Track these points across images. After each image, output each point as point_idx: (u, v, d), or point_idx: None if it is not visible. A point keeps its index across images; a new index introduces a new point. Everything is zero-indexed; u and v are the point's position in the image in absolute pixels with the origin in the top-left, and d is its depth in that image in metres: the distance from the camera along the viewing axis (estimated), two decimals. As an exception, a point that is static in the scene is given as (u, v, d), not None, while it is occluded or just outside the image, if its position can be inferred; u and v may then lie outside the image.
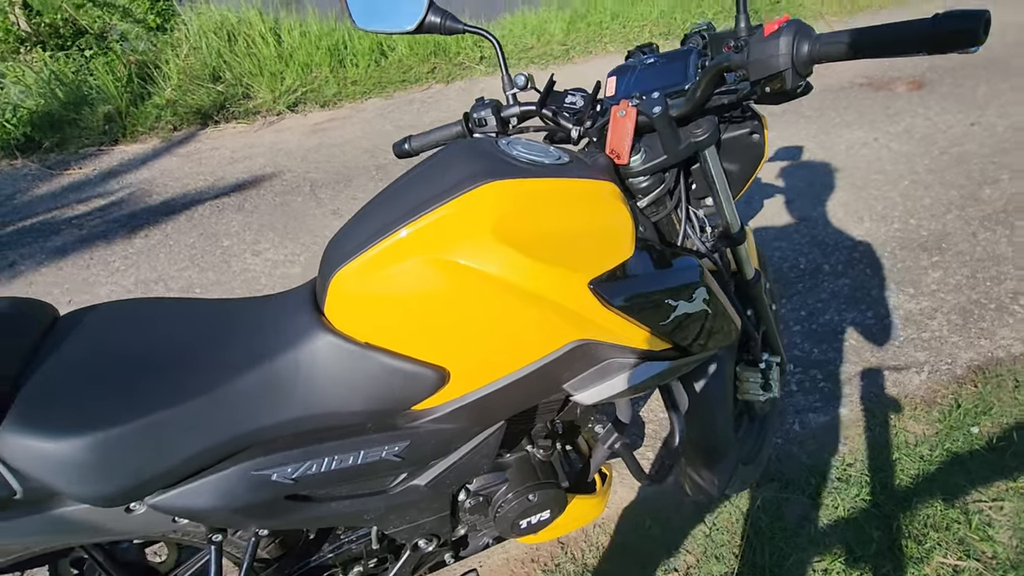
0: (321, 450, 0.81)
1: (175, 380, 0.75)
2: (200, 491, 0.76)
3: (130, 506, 0.75)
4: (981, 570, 1.32)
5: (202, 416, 0.73)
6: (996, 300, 2.04)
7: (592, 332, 0.84)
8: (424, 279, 0.76)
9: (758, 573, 1.35)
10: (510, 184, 0.77)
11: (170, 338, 0.81)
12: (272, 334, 0.81)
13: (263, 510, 0.81)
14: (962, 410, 1.68)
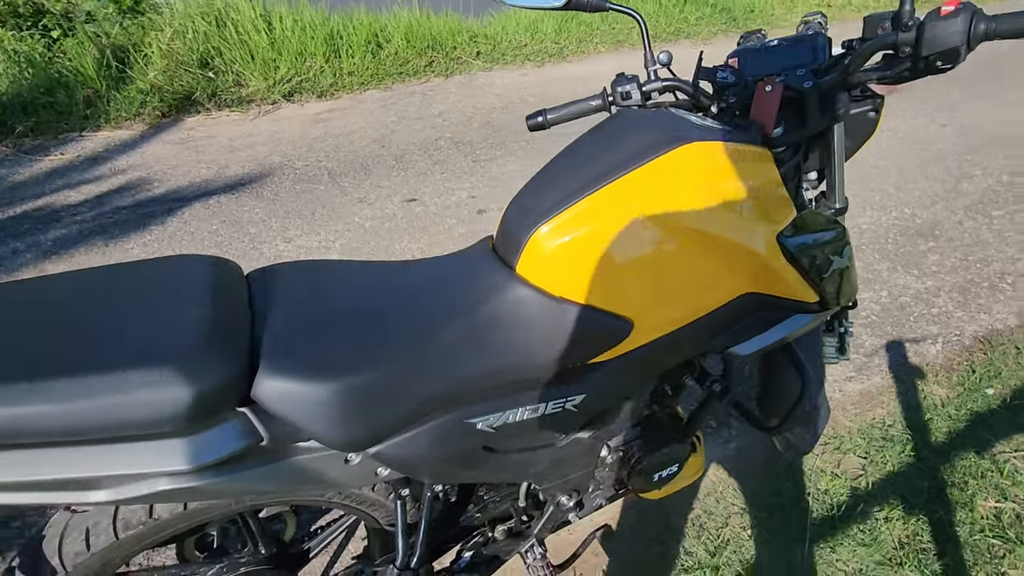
0: (517, 400, 0.83)
1: (393, 333, 0.76)
2: (416, 440, 0.77)
3: (348, 457, 0.75)
4: (1018, 510, 1.48)
5: (422, 367, 0.75)
6: (988, 279, 2.27)
7: (760, 284, 0.90)
8: (626, 233, 0.80)
9: (830, 523, 1.46)
10: (710, 145, 0.83)
11: (369, 295, 0.82)
12: (467, 291, 0.83)
13: (462, 460, 0.83)
14: (977, 375, 1.86)
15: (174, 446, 0.61)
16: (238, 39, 3.67)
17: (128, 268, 0.73)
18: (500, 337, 0.80)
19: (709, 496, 1.54)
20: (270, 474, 0.69)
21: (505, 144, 3.07)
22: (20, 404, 0.54)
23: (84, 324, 0.62)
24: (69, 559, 0.75)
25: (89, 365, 0.58)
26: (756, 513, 1.50)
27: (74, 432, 0.56)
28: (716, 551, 1.41)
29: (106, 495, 0.61)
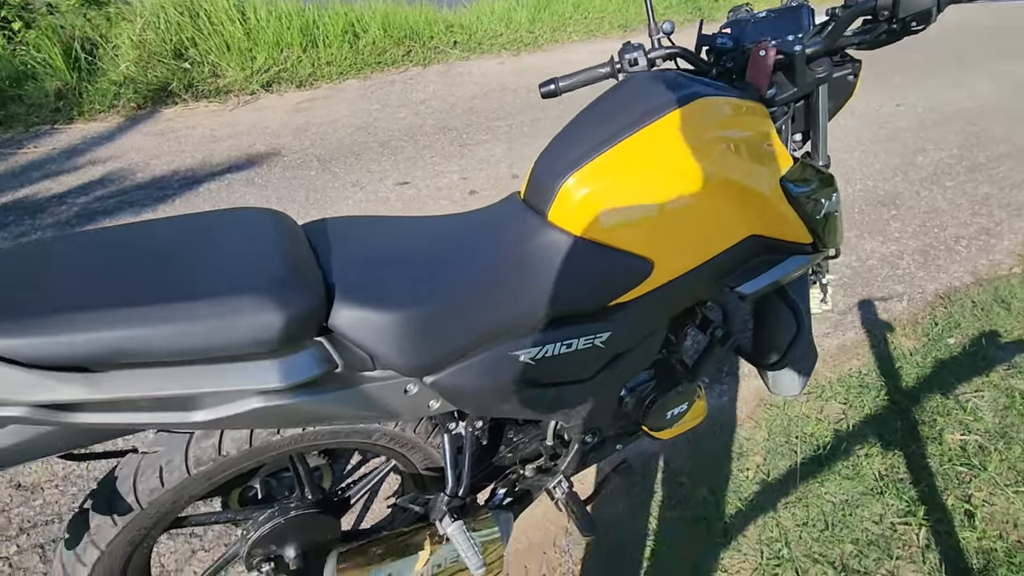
0: (554, 335, 0.92)
1: (447, 273, 0.83)
2: (468, 371, 0.84)
3: (407, 387, 0.82)
4: (980, 441, 1.65)
5: (474, 303, 0.82)
6: (944, 243, 2.46)
7: (764, 227, 1.00)
8: (646, 180, 0.89)
9: (815, 462, 1.59)
10: (718, 100, 0.92)
11: (419, 240, 0.89)
12: (507, 237, 0.91)
13: (504, 393, 0.91)
14: (939, 327, 2.04)
15: (264, 367, 0.67)
16: (212, 29, 3.63)
17: (196, 217, 0.78)
18: (539, 277, 0.88)
19: (706, 443, 1.65)
20: (342, 399, 0.75)
21: (490, 129, 3.13)
22: (134, 327, 0.59)
23: (175, 261, 0.68)
24: (144, 496, 0.80)
25: (189, 293, 0.63)
26: (750, 460, 1.62)
27: (178, 353, 0.62)
28: (716, 490, 1.53)
29: (204, 415, 0.67)
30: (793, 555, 1.40)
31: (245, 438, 0.82)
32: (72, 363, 0.58)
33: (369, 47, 3.96)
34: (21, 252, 0.68)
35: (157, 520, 0.83)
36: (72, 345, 0.57)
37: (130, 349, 0.60)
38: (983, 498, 1.51)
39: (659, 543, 1.41)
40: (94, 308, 0.59)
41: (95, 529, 0.79)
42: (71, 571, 0.81)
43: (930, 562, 1.38)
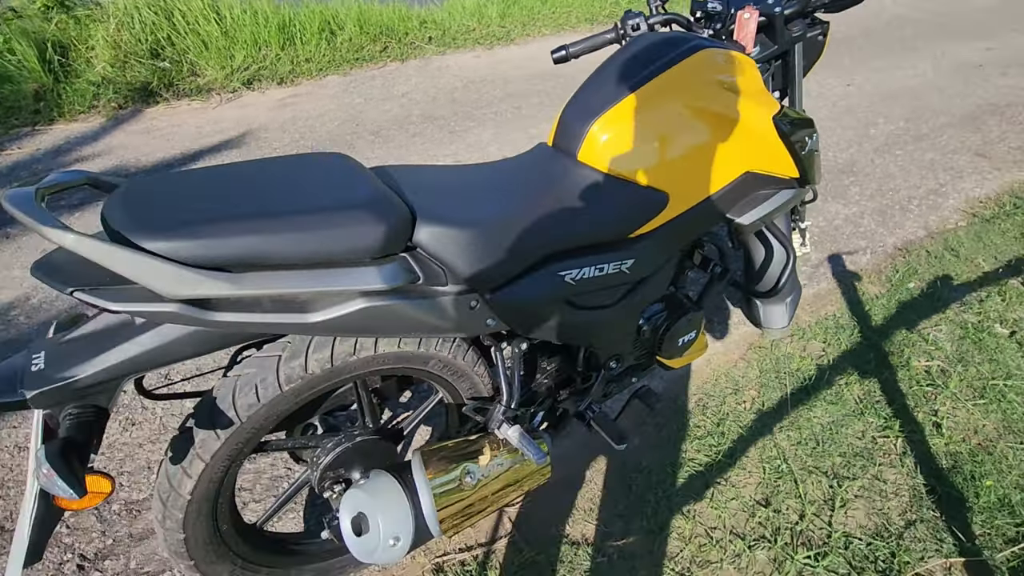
0: (591, 260, 1.05)
1: (504, 203, 0.95)
2: (522, 288, 0.97)
3: (472, 303, 0.94)
4: (942, 366, 1.86)
5: (528, 227, 0.95)
6: (898, 203, 2.71)
7: (758, 162, 1.16)
8: (662, 119, 1.04)
9: (803, 392, 1.78)
10: (717, 51, 1.08)
11: (472, 178, 1.01)
12: (547, 175, 1.04)
13: (549, 312, 1.03)
14: (900, 274, 2.26)
15: (366, 272, 0.78)
16: (188, 28, 3.63)
17: (287, 158, 0.88)
18: (575, 207, 1.01)
19: (707, 383, 1.81)
20: (422, 309, 0.87)
21: (474, 116, 3.26)
22: (267, 233, 0.70)
23: (287, 185, 0.78)
24: (243, 410, 0.89)
25: (307, 208, 0.74)
26: (746, 394, 1.79)
27: (301, 257, 0.73)
28: (719, 422, 1.69)
29: (319, 316, 0.77)
30: (791, 468, 1.57)
31: (327, 358, 0.92)
32: (217, 263, 0.68)
33: (346, 44, 4.03)
34: (160, 180, 0.77)
35: (251, 435, 0.92)
36: (219, 247, 0.67)
37: (263, 252, 0.70)
38: (947, 411, 1.72)
39: (675, 466, 1.56)
40: (235, 218, 0.70)
41: (200, 443, 0.88)
42: (177, 484, 0.90)
43: (907, 465, 1.58)
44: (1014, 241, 2.50)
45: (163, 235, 0.66)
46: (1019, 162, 3.14)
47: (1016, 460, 1.59)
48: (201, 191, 0.75)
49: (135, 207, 0.70)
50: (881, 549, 1.39)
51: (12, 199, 0.63)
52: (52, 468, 0.63)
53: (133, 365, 0.73)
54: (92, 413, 0.72)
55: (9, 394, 0.67)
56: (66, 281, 0.66)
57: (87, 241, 0.62)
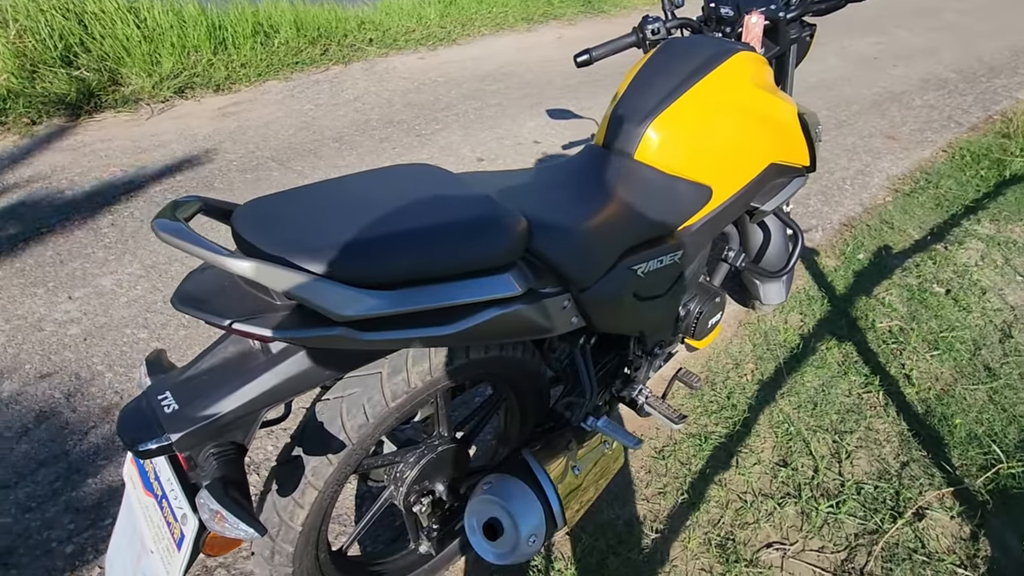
0: (653, 253, 1.11)
1: (588, 204, 0.99)
2: (604, 285, 1.01)
3: (564, 304, 0.97)
4: (901, 325, 2.11)
5: (609, 226, 0.99)
6: (835, 184, 3.02)
7: (780, 154, 1.28)
8: (709, 118, 1.12)
9: (794, 360, 1.95)
10: (750, 54, 1.17)
11: (546, 181, 1.03)
12: (609, 174, 1.09)
13: (621, 305, 1.08)
14: (850, 247, 2.53)
15: (499, 280, 0.79)
16: (104, 33, 3.31)
17: (377, 173, 0.87)
18: (642, 205, 1.07)
19: (711, 361, 1.94)
20: (535, 312, 0.89)
21: (438, 119, 3.23)
22: (420, 249, 0.70)
23: (410, 200, 0.77)
24: (354, 431, 0.87)
25: (444, 223, 0.74)
26: (745, 367, 1.94)
27: (446, 269, 0.73)
28: (729, 395, 1.82)
29: (457, 326, 0.77)
30: (798, 430, 1.72)
31: (427, 370, 0.92)
32: (379, 281, 0.67)
33: (283, 47, 3.84)
34: (285, 199, 0.74)
35: (360, 457, 0.90)
36: (382, 265, 0.66)
37: (420, 268, 0.70)
38: (913, 364, 1.96)
39: (699, 441, 1.66)
40: (389, 236, 0.68)
41: (311, 471, 0.85)
42: (289, 516, 0.86)
43: (891, 414, 1.78)
44: (932, 211, 2.86)
45: (326, 255, 0.64)
46: (921, 142, 3.58)
47: (973, 400, 1.85)
48: (332, 208, 0.72)
49: (283, 228, 0.67)
50: (887, 490, 1.56)
51: (168, 230, 0.59)
52: (226, 510, 0.59)
53: (273, 395, 0.70)
54: (233, 450, 0.68)
55: (151, 439, 0.62)
56: (220, 313, 0.62)
57: (269, 269, 0.59)
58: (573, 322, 1.02)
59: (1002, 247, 2.61)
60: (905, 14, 6.43)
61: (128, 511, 0.82)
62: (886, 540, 1.44)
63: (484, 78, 3.85)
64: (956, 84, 4.64)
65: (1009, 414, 1.80)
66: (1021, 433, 1.75)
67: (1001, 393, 1.87)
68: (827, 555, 1.42)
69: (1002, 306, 2.26)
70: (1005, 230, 2.74)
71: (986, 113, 4.15)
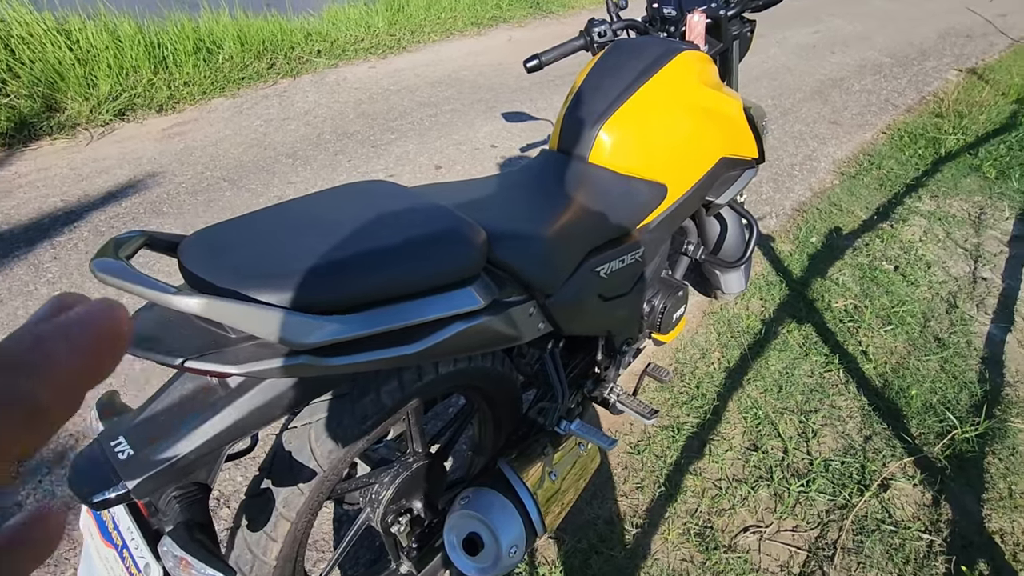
0: (614, 254, 1.13)
1: (548, 210, 0.99)
2: (568, 289, 1.02)
3: (530, 310, 0.97)
4: (855, 303, 2.20)
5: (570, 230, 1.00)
6: (785, 171, 3.12)
7: (730, 148, 1.31)
8: (658, 116, 1.14)
9: (757, 345, 2.00)
10: (694, 53, 1.20)
11: (506, 190, 1.03)
12: (567, 178, 1.09)
13: (586, 307, 1.09)
14: (802, 231, 2.62)
15: (461, 295, 0.78)
16: (34, 56, 3.15)
17: (329, 193, 0.85)
18: (600, 207, 1.08)
19: (678, 352, 1.98)
20: (500, 323, 0.88)
21: (393, 128, 3.19)
22: (380, 269, 0.68)
23: (368, 219, 0.76)
24: (324, 458, 0.84)
25: (406, 240, 0.73)
26: (712, 356, 1.98)
27: (408, 287, 0.71)
28: (698, 385, 1.86)
29: (422, 344, 0.76)
30: (766, 413, 1.77)
31: (397, 387, 0.91)
32: (339, 306, 0.65)
33: (228, 63, 3.73)
34: (232, 227, 0.71)
35: (332, 483, 0.88)
36: (341, 288, 0.65)
37: (381, 289, 0.68)
38: (869, 340, 2.04)
39: (672, 432, 1.69)
40: (347, 258, 0.67)
41: (283, 502, 0.83)
42: (261, 551, 0.83)
43: (851, 390, 1.85)
44: (876, 191, 2.99)
45: (281, 284, 0.62)
46: (862, 126, 3.74)
47: (926, 370, 1.93)
48: (284, 233, 0.70)
49: (232, 258, 0.64)
50: (853, 465, 1.62)
51: (109, 269, 0.56)
52: (191, 555, 0.57)
53: (236, 431, 0.67)
54: (197, 491, 0.65)
55: (107, 489, 0.59)
56: (172, 351, 0.60)
57: (220, 304, 0.57)
58: (540, 328, 1.02)
59: (942, 222, 2.74)
60: (838, 2, 6.71)
61: (88, 564, 0.78)
62: (855, 513, 1.49)
63: (437, 84, 3.83)
64: (891, 68, 4.87)
65: (959, 381, 1.89)
66: (972, 399, 1.84)
67: (951, 362, 1.96)
68: (801, 533, 1.46)
69: (946, 278, 2.37)
70: (944, 205, 2.89)
71: (920, 94, 4.36)
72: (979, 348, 2.03)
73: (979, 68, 4.97)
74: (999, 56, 5.40)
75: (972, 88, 4.36)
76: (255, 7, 4.18)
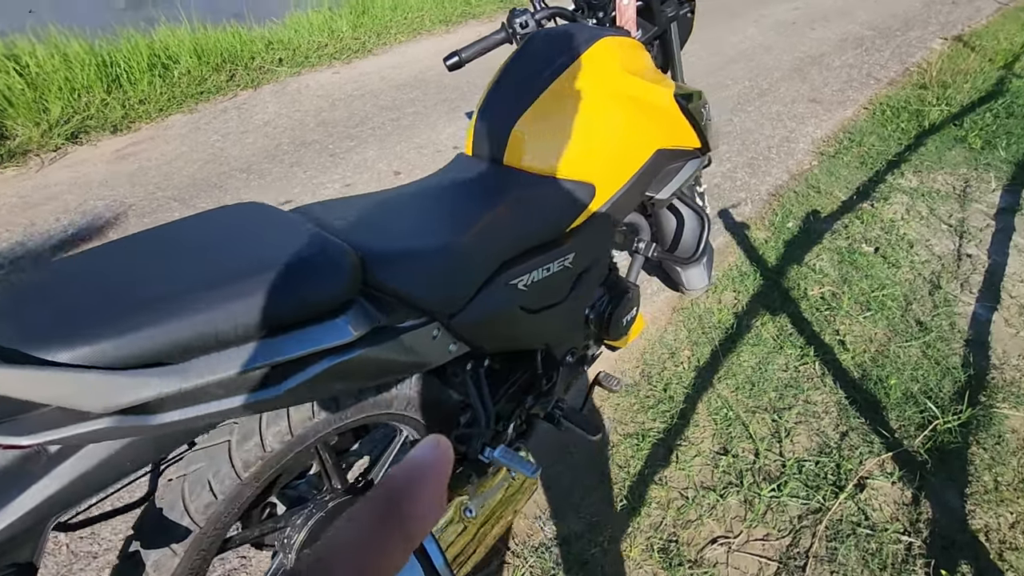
0: (536, 263, 1.03)
1: (447, 222, 0.90)
2: (479, 306, 0.92)
3: (434, 333, 0.87)
4: (832, 290, 2.09)
5: (475, 243, 0.90)
6: (762, 154, 3.01)
7: (667, 139, 1.21)
8: (578, 111, 1.04)
9: (729, 341, 1.90)
10: (616, 39, 1.10)
11: (406, 203, 0.94)
12: (477, 185, 1.00)
13: (507, 323, 1.00)
14: (779, 217, 2.51)
15: (327, 328, 0.69)
16: (-18, 85, 3.07)
17: (190, 221, 0.75)
18: (515, 213, 0.98)
19: (645, 354, 1.88)
20: (388, 350, 0.79)
21: (353, 135, 3.10)
22: (204, 311, 0.59)
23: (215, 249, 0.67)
24: (199, 513, 0.76)
25: (247, 272, 0.64)
26: (681, 355, 1.88)
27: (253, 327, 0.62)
28: (666, 387, 1.76)
29: (281, 387, 0.66)
30: (737, 414, 1.67)
31: (285, 430, 0.82)
32: (155, 358, 0.56)
33: (185, 78, 3.64)
34: (43, 274, 0.62)
35: (214, 539, 0.79)
36: (154, 338, 0.56)
37: (209, 332, 0.59)
38: (847, 329, 1.93)
39: (637, 440, 1.60)
40: (164, 299, 0.58)
41: (153, 566, 0.74)
42: None
43: (828, 384, 1.75)
44: (856, 170, 2.87)
45: (79, 340, 0.53)
46: (842, 102, 3.62)
47: (906, 357, 1.83)
48: (104, 276, 0.61)
49: (29, 313, 0.55)
50: (828, 464, 1.52)
51: None
52: None
53: (56, 504, 0.58)
54: (17, 572, 0.57)
55: None
56: None
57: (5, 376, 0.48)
58: (452, 349, 0.93)
59: (926, 197, 2.63)
60: (818, -23, 6.55)
61: None
62: (829, 518, 1.39)
63: (401, 87, 3.73)
64: (873, 41, 4.73)
65: (942, 367, 1.79)
66: (955, 384, 1.73)
67: (934, 346, 1.86)
68: (772, 542, 1.36)
69: (929, 257, 2.27)
70: (928, 180, 2.77)
71: (903, 66, 4.23)
72: (963, 330, 1.93)
73: (965, 35, 4.83)
74: (986, 21, 5.26)
75: (958, 56, 4.23)
76: (215, 19, 4.09)
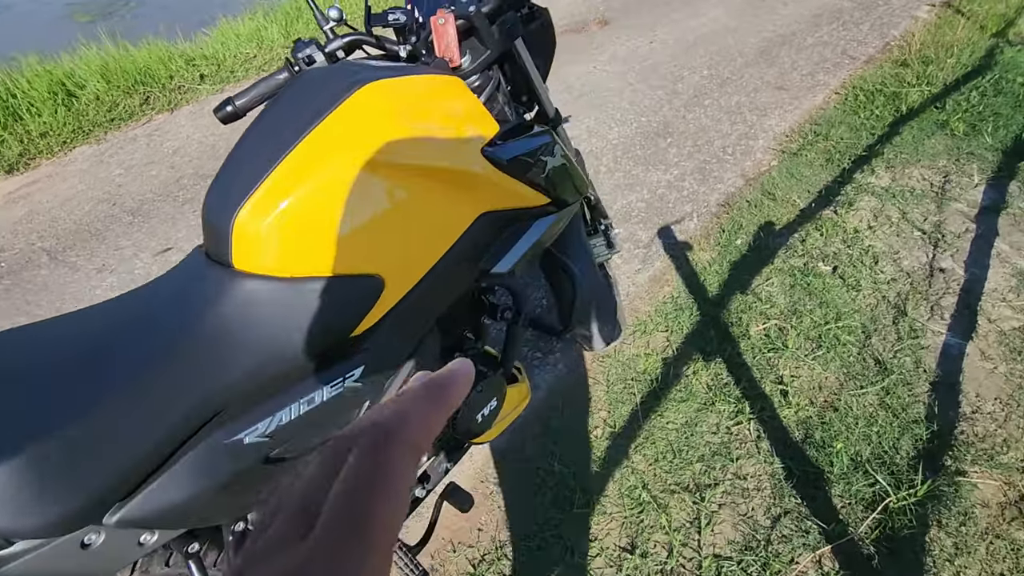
0: (286, 398, 0.76)
1: (104, 377, 0.63)
2: (172, 482, 0.66)
3: (85, 540, 0.61)
4: (779, 324, 1.80)
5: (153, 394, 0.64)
6: (715, 156, 2.69)
7: (493, 201, 0.93)
8: (332, 188, 0.76)
9: (653, 397, 1.63)
10: (386, 82, 0.81)
11: (69, 346, 0.67)
12: (190, 302, 0.73)
13: (244, 485, 0.74)
14: (727, 233, 2.21)
15: None
16: None
17: None
18: (242, 338, 0.72)
19: (552, 419, 1.61)
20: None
21: (262, 160, 2.83)
22: None
23: None
24: None
25: None
26: (596, 418, 1.61)
27: None
28: (572, 462, 1.49)
29: None
30: (652, 495, 1.40)
31: None
32: None
33: (93, 104, 3.36)
34: None
35: None
36: None
37: None
38: (791, 373, 1.65)
39: (530, 538, 1.34)
40: None
41: None
42: None
43: (763, 451, 1.47)
44: (820, 169, 2.56)
45: None
46: (812, 87, 3.28)
47: (859, 408, 1.55)
48: None
49: None
50: (752, 564, 1.26)
51: None
52: None
53: None
54: None
55: None
56: None
57: None
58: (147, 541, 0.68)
59: (898, 199, 2.31)
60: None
61: None
62: (746, 648, 1.13)
63: (329, 99, 3.44)
64: (851, 13, 4.35)
65: (901, 420, 1.51)
66: (915, 444, 1.45)
67: (893, 393, 1.58)
68: None
69: (896, 275, 1.97)
70: (901, 177, 2.45)
71: (883, 40, 3.86)
72: (930, 368, 1.64)
73: (954, 0, 4.43)
74: (977, -18, 4.83)
75: (945, 25, 3.85)
76: (134, 37, 3.81)
